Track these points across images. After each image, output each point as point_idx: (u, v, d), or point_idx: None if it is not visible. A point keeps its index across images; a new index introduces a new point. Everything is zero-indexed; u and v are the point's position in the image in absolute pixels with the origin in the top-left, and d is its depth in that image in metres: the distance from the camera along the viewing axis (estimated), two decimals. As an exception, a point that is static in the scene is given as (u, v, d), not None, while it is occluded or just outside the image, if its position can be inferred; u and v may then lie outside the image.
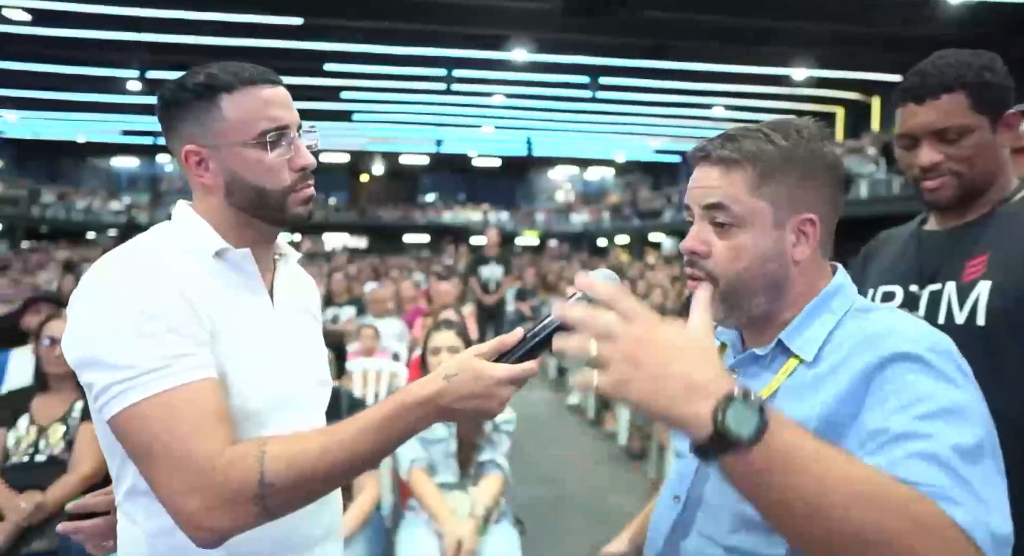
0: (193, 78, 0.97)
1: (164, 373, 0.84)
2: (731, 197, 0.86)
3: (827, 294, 0.90)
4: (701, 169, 0.90)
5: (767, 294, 0.88)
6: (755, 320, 0.90)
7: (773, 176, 0.86)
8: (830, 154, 0.89)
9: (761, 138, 0.86)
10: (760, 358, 0.91)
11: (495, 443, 2.46)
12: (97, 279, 0.89)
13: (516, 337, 0.91)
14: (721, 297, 0.88)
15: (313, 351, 1.13)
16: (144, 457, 0.83)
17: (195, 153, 0.97)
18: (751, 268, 0.87)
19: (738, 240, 0.87)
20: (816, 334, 0.87)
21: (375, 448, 0.86)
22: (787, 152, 0.86)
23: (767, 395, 0.86)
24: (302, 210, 1.01)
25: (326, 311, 6.23)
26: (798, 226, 0.87)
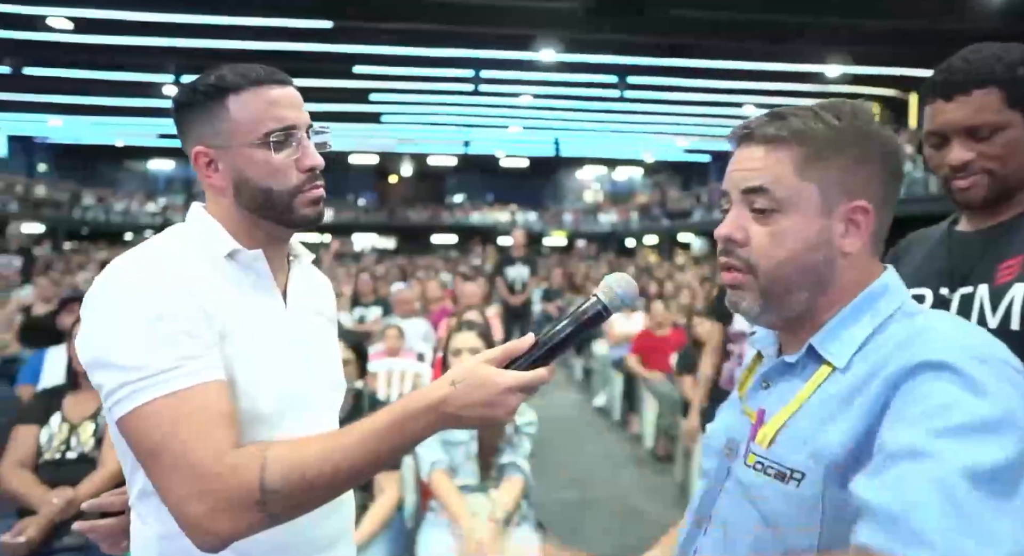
0: (203, 80, 0.97)
1: (173, 375, 0.83)
2: (774, 179, 0.78)
3: (871, 294, 0.80)
4: (743, 149, 0.82)
5: (810, 289, 0.79)
6: (792, 320, 0.82)
7: (823, 157, 0.78)
8: (888, 138, 0.81)
9: (811, 116, 0.79)
10: (791, 366, 0.83)
11: (516, 446, 2.44)
12: (108, 281, 0.89)
13: (527, 343, 0.89)
14: (760, 290, 0.80)
15: (327, 353, 1.12)
16: (150, 459, 0.83)
17: (204, 154, 0.98)
18: (794, 257, 0.78)
19: (780, 226, 0.78)
20: (852, 337, 0.78)
21: (378, 454, 0.85)
22: (839, 132, 0.78)
23: (795, 408, 0.78)
24: (310, 211, 1.00)
25: (353, 311, 6.28)
26: (848, 214, 0.78)
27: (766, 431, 0.80)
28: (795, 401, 0.79)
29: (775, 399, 0.82)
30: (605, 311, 0.89)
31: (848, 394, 0.74)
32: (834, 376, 0.78)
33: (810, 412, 0.77)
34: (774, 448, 0.79)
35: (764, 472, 0.78)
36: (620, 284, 0.90)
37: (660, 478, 4.57)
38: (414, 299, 5.90)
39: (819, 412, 0.76)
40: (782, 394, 0.82)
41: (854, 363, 0.77)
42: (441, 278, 9.74)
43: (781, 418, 0.79)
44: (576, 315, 0.90)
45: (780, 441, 0.78)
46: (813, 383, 0.79)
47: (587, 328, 0.91)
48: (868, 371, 0.74)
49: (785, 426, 0.78)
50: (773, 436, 0.79)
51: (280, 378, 0.98)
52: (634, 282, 0.91)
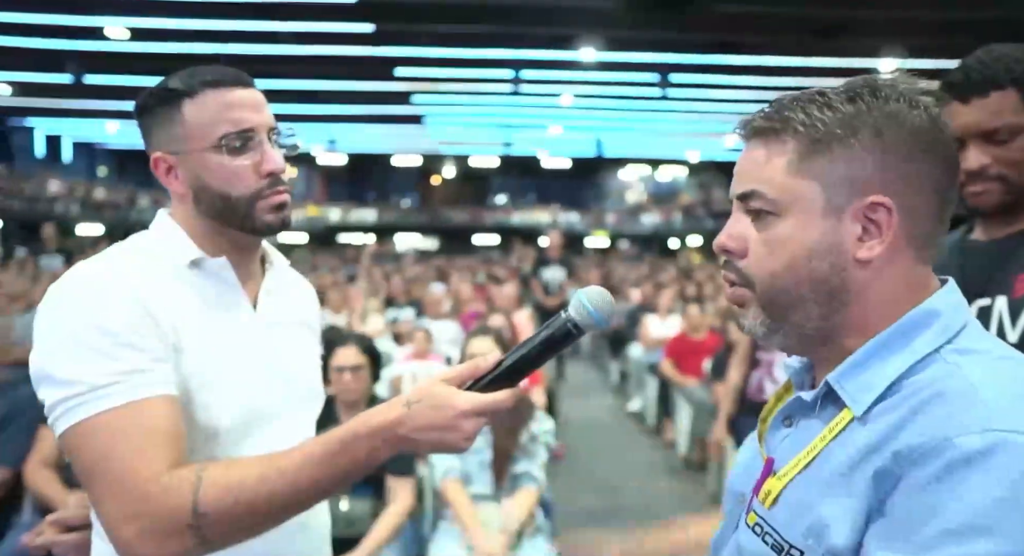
0: (159, 84, 0.94)
1: (112, 390, 0.80)
2: (765, 179, 0.67)
3: (911, 322, 0.64)
4: (746, 149, 0.71)
5: (820, 304, 0.66)
6: (811, 344, 0.69)
7: (825, 148, 0.65)
8: (925, 120, 0.64)
9: (816, 102, 0.66)
10: (810, 405, 0.69)
11: (532, 455, 2.38)
12: (55, 291, 0.87)
13: (491, 362, 0.82)
14: (760, 306, 0.68)
15: (301, 363, 1.07)
16: (85, 478, 0.81)
17: (163, 160, 0.95)
18: (792, 267, 0.65)
19: (775, 231, 0.66)
20: (876, 378, 0.63)
21: (319, 479, 0.79)
22: (850, 118, 0.64)
23: (806, 462, 0.65)
24: (272, 218, 0.95)
25: (386, 312, 6.30)
26: (864, 212, 0.64)
27: (771, 487, 0.67)
28: (807, 452, 0.66)
29: (791, 444, 0.69)
30: (576, 329, 0.81)
31: (859, 458, 0.60)
32: (853, 426, 0.63)
33: (819, 471, 0.64)
34: (776, 511, 0.66)
35: (763, 539, 0.66)
36: (593, 300, 0.81)
37: (692, 487, 4.44)
38: (445, 301, 5.88)
39: (827, 474, 0.63)
40: (800, 439, 0.68)
41: (876, 414, 0.62)
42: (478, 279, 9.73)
43: (789, 473, 0.66)
44: (544, 335, 0.82)
45: (783, 503, 0.66)
46: (830, 431, 0.65)
47: (555, 348, 0.83)
48: (886, 432, 0.60)
49: (792, 483, 0.65)
50: (777, 494, 0.66)
51: (242, 391, 0.95)
52: (610, 298, 0.82)
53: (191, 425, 0.89)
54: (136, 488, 0.77)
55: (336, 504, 2.22)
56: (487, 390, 0.80)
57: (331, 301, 6.15)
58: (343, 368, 2.26)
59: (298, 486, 0.79)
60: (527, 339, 0.84)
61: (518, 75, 16.86)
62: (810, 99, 0.66)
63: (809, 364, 0.74)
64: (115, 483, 0.78)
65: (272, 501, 0.79)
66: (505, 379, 0.81)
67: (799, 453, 0.66)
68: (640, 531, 0.99)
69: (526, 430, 2.37)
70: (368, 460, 0.80)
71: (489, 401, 0.79)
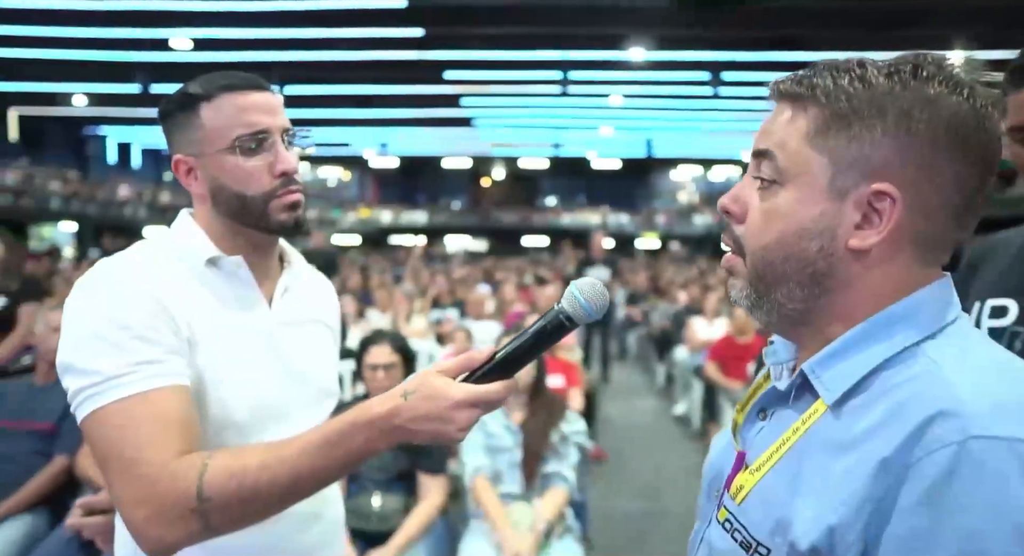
0: (179, 90, 0.98)
1: (126, 380, 0.84)
2: (781, 142, 0.62)
3: (893, 314, 0.60)
4: (774, 109, 0.67)
5: (803, 286, 0.62)
6: (793, 325, 0.66)
7: (845, 124, 0.59)
8: (967, 111, 0.58)
9: (851, 72, 0.60)
10: (783, 395, 0.66)
11: (562, 455, 2.37)
12: (78, 286, 0.92)
13: (485, 354, 0.83)
14: (748, 278, 0.66)
15: (317, 361, 1.10)
16: (102, 463, 0.84)
17: (183, 162, 0.99)
18: (782, 242, 0.62)
19: (775, 201, 0.62)
20: (850, 368, 0.60)
21: (318, 467, 0.81)
22: (881, 95, 0.58)
23: (779, 456, 0.62)
24: (286, 217, 0.98)
25: (431, 313, 6.38)
26: (868, 200, 0.59)
27: (742, 481, 0.65)
28: (779, 445, 0.63)
29: (766, 436, 0.66)
30: (568, 321, 0.81)
31: (831, 454, 0.57)
32: (826, 418, 0.60)
33: (790, 466, 0.61)
34: (746, 506, 0.63)
35: (732, 536, 0.64)
36: (585, 292, 0.80)
37: (737, 493, 4.33)
38: (489, 302, 5.92)
39: (798, 469, 0.60)
40: (775, 431, 0.65)
41: (851, 408, 0.59)
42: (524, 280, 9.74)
43: (762, 467, 0.63)
44: (537, 327, 0.82)
45: (753, 498, 0.63)
46: (803, 423, 0.62)
47: (548, 341, 0.83)
48: (861, 432, 0.56)
49: (764, 478, 0.63)
50: (749, 490, 0.63)
51: (255, 387, 0.98)
52: (604, 290, 0.82)
53: (204, 418, 0.92)
54: (146, 473, 0.81)
55: (369, 500, 2.26)
56: (482, 382, 0.81)
57: (379, 301, 6.27)
58: (376, 366, 2.31)
59: (298, 473, 0.81)
60: (521, 331, 0.83)
61: (567, 76, 16.83)
62: (846, 68, 0.61)
63: (790, 352, 0.70)
64: (127, 468, 0.82)
65: (273, 488, 0.81)
66: (500, 371, 0.81)
67: (771, 446, 0.64)
68: None
69: (557, 430, 2.36)
70: (365, 449, 0.81)
71: (483, 392, 0.79)
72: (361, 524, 2.23)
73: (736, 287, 0.68)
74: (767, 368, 0.74)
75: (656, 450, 5.32)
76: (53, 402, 2.47)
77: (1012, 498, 0.49)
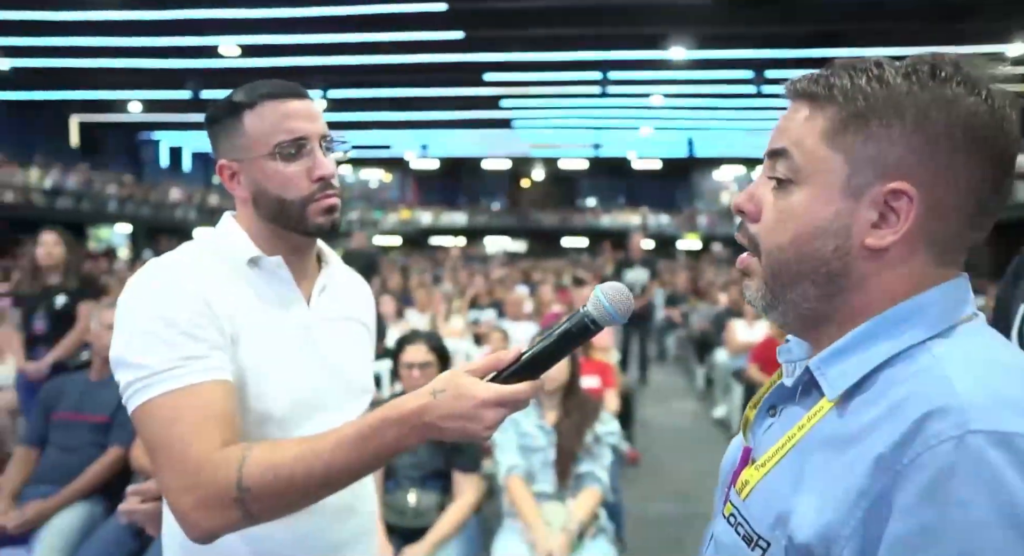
0: (224, 99, 1.03)
1: (174, 374, 0.89)
2: (797, 141, 0.63)
3: (901, 312, 0.60)
4: (790, 108, 0.67)
5: (819, 286, 0.62)
6: (807, 325, 0.66)
7: (862, 124, 0.60)
8: (985, 112, 0.58)
9: (869, 72, 0.61)
10: (790, 392, 0.67)
11: (596, 455, 2.38)
12: (130, 285, 0.97)
13: (512, 355, 0.85)
14: (763, 278, 0.66)
15: (351, 358, 1.14)
16: (151, 452, 0.90)
17: (227, 167, 1.04)
18: (797, 241, 0.62)
19: (791, 200, 0.63)
20: (856, 365, 0.60)
21: (351, 461, 0.85)
22: (898, 95, 0.59)
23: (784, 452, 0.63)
24: (323, 220, 1.03)
25: (469, 313, 6.45)
26: (884, 199, 0.59)
27: (748, 477, 0.66)
28: (785, 441, 0.64)
29: (774, 433, 0.67)
30: (593, 324, 0.83)
31: (833, 450, 0.58)
32: (830, 415, 0.61)
33: (794, 462, 0.61)
34: (750, 501, 0.64)
35: (735, 530, 0.65)
36: (610, 296, 0.82)
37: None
38: (527, 303, 5.95)
39: (801, 465, 0.60)
40: (783, 427, 0.66)
41: (856, 405, 0.59)
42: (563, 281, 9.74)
43: (767, 463, 0.64)
44: (562, 329, 0.84)
45: (757, 493, 0.64)
46: (808, 420, 0.62)
47: (574, 343, 0.85)
48: (861, 428, 0.57)
49: (769, 473, 0.64)
50: (754, 485, 0.64)
51: (294, 381, 1.02)
52: (628, 294, 0.84)
53: (245, 411, 0.97)
54: (191, 462, 0.86)
55: (405, 497, 2.32)
56: (508, 382, 0.83)
57: (418, 301, 6.36)
58: (412, 365, 2.36)
59: (331, 466, 0.84)
60: (548, 333, 0.86)
61: (607, 76, 16.74)
62: (864, 68, 0.61)
63: (804, 351, 0.71)
64: (172, 458, 0.87)
65: (308, 480, 0.84)
66: (526, 371, 0.84)
67: (778, 442, 0.64)
68: None
69: (590, 431, 2.38)
70: (396, 445, 0.85)
71: (509, 392, 0.82)
72: (397, 520, 2.29)
73: (751, 288, 0.68)
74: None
75: (694, 453, 5.27)
76: (108, 396, 2.59)
77: (1013, 492, 0.49)
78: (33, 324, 3.70)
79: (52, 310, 3.68)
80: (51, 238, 3.67)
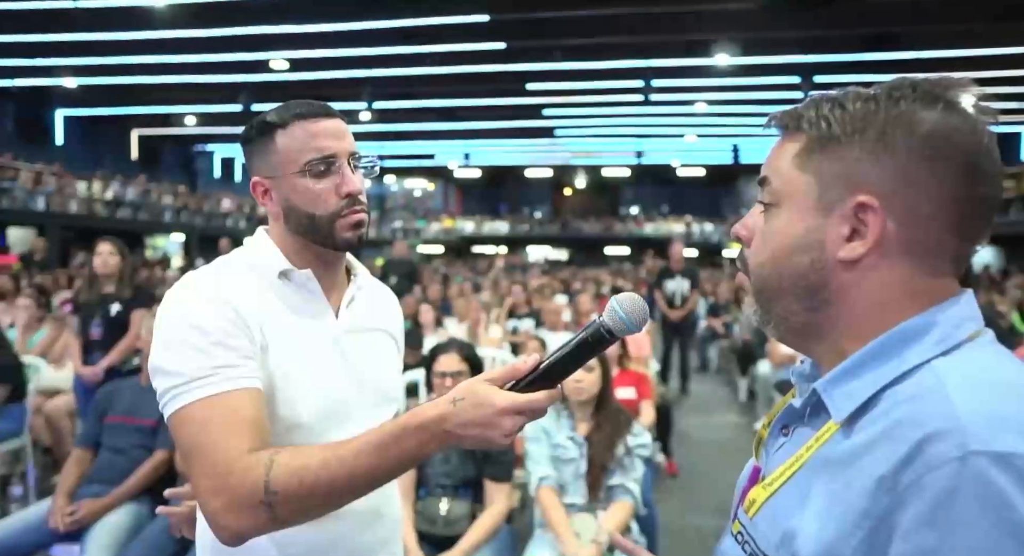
0: (258, 119, 1.08)
1: (207, 382, 0.93)
2: (774, 169, 0.69)
3: (904, 332, 0.61)
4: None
5: (799, 299, 0.66)
6: (800, 336, 0.68)
7: (827, 145, 0.64)
8: (941, 123, 0.60)
9: (833, 101, 0.66)
10: (798, 412, 0.69)
11: (627, 468, 2.36)
12: (168, 296, 1.03)
13: (531, 364, 0.87)
14: (753, 294, 0.71)
15: (380, 367, 1.17)
16: (186, 456, 0.94)
17: (261, 184, 1.09)
18: (774, 259, 0.67)
19: (772, 222, 0.68)
20: (861, 387, 0.61)
21: (373, 467, 0.87)
22: (858, 118, 0.63)
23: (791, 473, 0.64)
24: (351, 235, 1.07)
25: (507, 322, 6.47)
26: (853, 212, 0.62)
27: (755, 495, 0.68)
28: (793, 462, 0.65)
29: (784, 453, 0.69)
30: (609, 334, 0.85)
31: (836, 471, 0.59)
32: (837, 436, 0.62)
33: (800, 482, 0.63)
34: (757, 520, 0.66)
35: (743, 548, 0.67)
36: (625, 306, 0.84)
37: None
38: (565, 312, 5.94)
39: (807, 485, 0.61)
40: (793, 447, 0.68)
41: (861, 426, 0.60)
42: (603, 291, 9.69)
43: (775, 482, 0.66)
44: (578, 339, 0.86)
45: (764, 512, 0.65)
46: (816, 441, 0.64)
47: (590, 352, 0.87)
48: (861, 444, 0.57)
49: (776, 494, 0.65)
50: (761, 504, 0.66)
51: (322, 389, 1.06)
52: (643, 304, 0.85)
53: (274, 417, 1.01)
54: (222, 466, 0.89)
55: (437, 505, 2.34)
56: (526, 390, 0.85)
57: (457, 310, 6.42)
58: (444, 374, 2.39)
59: (355, 472, 0.87)
60: (564, 343, 0.88)
61: (649, 84, 16.63)
62: (829, 99, 0.66)
63: (816, 371, 0.72)
64: (205, 462, 0.91)
65: (332, 485, 0.87)
66: (543, 380, 0.86)
67: (786, 462, 0.66)
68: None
69: (622, 443, 2.36)
70: (418, 452, 0.87)
71: (526, 400, 0.84)
72: (429, 528, 2.31)
73: (748, 304, 0.72)
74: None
75: (735, 466, 5.11)
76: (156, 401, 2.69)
77: (1015, 514, 0.49)
78: (90, 330, 3.88)
79: (107, 317, 3.85)
80: (106, 248, 3.85)
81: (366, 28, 13.34)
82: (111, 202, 17.65)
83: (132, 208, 18.25)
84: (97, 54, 14.99)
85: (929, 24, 12.28)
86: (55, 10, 12.60)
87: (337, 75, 16.13)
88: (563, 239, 29.14)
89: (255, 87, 17.33)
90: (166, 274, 11.17)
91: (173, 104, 19.94)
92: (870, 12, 11.69)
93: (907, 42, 13.17)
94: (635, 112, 20.00)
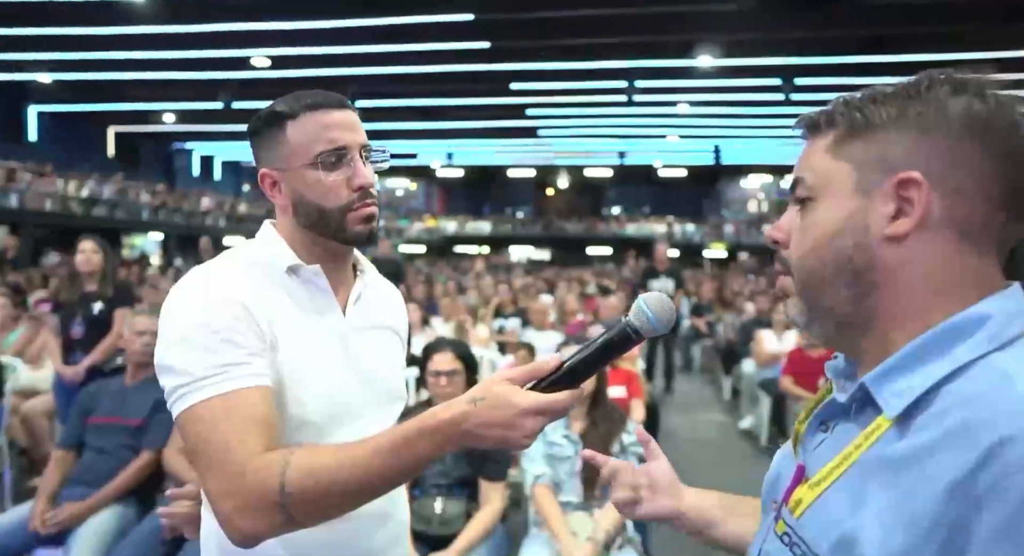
0: (266, 109, 1.05)
1: (216, 380, 0.90)
2: (809, 165, 0.67)
3: (955, 326, 0.59)
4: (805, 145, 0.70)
5: (847, 285, 0.63)
6: (849, 330, 0.65)
7: (861, 132, 0.63)
8: (977, 104, 0.60)
9: (863, 96, 0.65)
10: (844, 408, 0.65)
11: (622, 466, 2.36)
12: (173, 293, 0.99)
13: (553, 364, 0.85)
14: (797, 293, 0.68)
15: (385, 365, 1.14)
16: (193, 456, 0.91)
17: (269, 176, 1.05)
18: (816, 247, 0.65)
19: (811, 215, 0.66)
20: (913, 382, 0.58)
21: (389, 468, 0.85)
22: (891, 104, 0.63)
23: (840, 471, 0.61)
24: (361, 228, 1.04)
25: (493, 322, 6.45)
26: (896, 190, 0.61)
27: (801, 495, 0.64)
28: (841, 460, 0.61)
29: (826, 449, 0.65)
30: (636, 334, 0.83)
31: (895, 472, 0.55)
32: (890, 434, 0.58)
33: (853, 482, 0.59)
34: (805, 520, 0.62)
35: (791, 550, 0.63)
36: (652, 306, 0.83)
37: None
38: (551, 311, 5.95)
39: (862, 487, 0.58)
40: (835, 444, 0.64)
41: (917, 425, 0.56)
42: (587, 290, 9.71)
43: (822, 481, 0.62)
44: (604, 338, 0.85)
45: (813, 513, 0.62)
46: (866, 439, 0.60)
47: (615, 352, 0.86)
48: (926, 446, 0.54)
49: (825, 493, 0.62)
50: (809, 504, 0.63)
51: (330, 386, 1.03)
52: (670, 304, 0.84)
53: (282, 415, 0.98)
54: (233, 467, 0.86)
55: (431, 504, 2.32)
56: (548, 390, 0.83)
57: (443, 310, 6.39)
58: (439, 373, 2.37)
59: (369, 474, 0.85)
60: (589, 342, 0.86)
61: (633, 84, 16.72)
62: (857, 97, 0.66)
63: (852, 367, 0.69)
64: (216, 462, 0.88)
65: (347, 486, 0.85)
66: (566, 380, 0.84)
67: (832, 460, 0.63)
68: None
69: (617, 441, 2.36)
70: (434, 452, 0.85)
71: (548, 401, 0.82)
72: (423, 527, 2.29)
73: (790, 305, 0.70)
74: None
75: (721, 465, 5.20)
76: (142, 400, 2.64)
77: None
78: (71, 329, 3.79)
79: (89, 316, 3.77)
80: (89, 246, 3.77)
81: (349, 26, 13.25)
82: (87, 200, 17.32)
83: (109, 206, 17.93)
84: (73, 49, 14.71)
85: (913, 27, 12.41)
86: (29, 3, 12.34)
87: (319, 73, 15.99)
88: (545, 239, 29.19)
89: (235, 84, 17.12)
90: (146, 273, 10.98)
91: (151, 101, 19.63)
92: (854, 15, 11.80)
93: (890, 45, 13.34)
94: (618, 113, 20.10)
